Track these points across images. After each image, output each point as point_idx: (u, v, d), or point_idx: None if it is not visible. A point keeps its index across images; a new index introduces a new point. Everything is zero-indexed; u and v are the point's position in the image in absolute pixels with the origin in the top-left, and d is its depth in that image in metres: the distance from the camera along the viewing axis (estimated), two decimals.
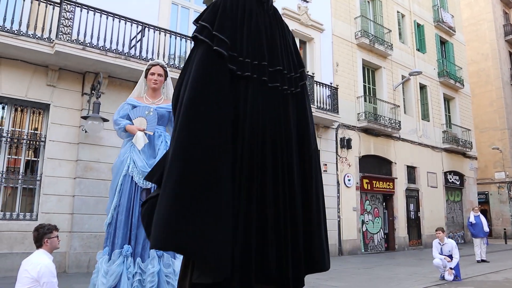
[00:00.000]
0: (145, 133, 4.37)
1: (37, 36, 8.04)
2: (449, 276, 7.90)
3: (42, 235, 3.68)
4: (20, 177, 8.27)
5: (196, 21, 2.02)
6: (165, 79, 4.77)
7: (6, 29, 7.72)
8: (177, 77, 1.95)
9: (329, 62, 15.09)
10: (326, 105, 13.51)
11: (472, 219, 12.23)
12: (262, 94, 1.96)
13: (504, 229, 23.79)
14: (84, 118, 8.43)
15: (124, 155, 4.38)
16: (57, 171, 8.47)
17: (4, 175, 8.08)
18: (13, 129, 8.42)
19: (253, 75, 1.97)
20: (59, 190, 8.42)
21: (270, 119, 1.91)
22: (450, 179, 20.46)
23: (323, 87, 13.55)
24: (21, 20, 7.93)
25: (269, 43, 2.11)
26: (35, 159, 8.59)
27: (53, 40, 8.05)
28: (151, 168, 2.52)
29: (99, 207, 8.66)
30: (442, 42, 22.10)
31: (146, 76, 4.67)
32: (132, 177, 4.29)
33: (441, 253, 8.38)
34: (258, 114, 1.88)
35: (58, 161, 8.51)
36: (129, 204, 4.21)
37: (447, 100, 21.77)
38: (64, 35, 8.14)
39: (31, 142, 8.56)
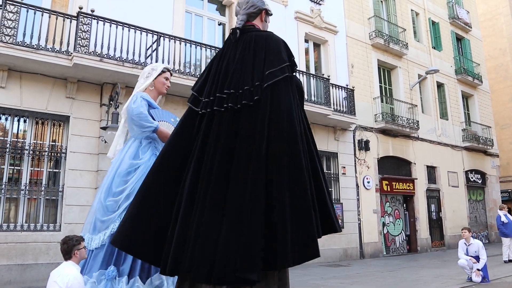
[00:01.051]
0: None
1: (55, 50, 8.18)
2: (476, 278, 7.72)
3: (71, 247, 3.70)
4: (42, 188, 8.39)
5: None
6: None
7: (26, 44, 7.87)
8: (191, 85, 2.60)
9: (344, 64, 14.99)
10: (342, 107, 13.41)
11: (504, 219, 11.94)
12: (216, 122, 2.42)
13: None
14: (103, 128, 8.54)
15: (147, 160, 3.67)
16: (78, 181, 8.57)
17: (27, 187, 8.21)
18: (35, 141, 8.57)
19: (207, 109, 2.46)
20: (81, 200, 8.51)
21: (220, 136, 2.36)
22: (472, 178, 20.08)
23: (339, 89, 13.47)
24: (39, 35, 8.08)
25: (224, 75, 2.54)
26: (57, 170, 8.71)
27: (71, 53, 8.18)
28: None
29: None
30: (458, 39, 21.78)
31: (155, 77, 4.20)
32: None
33: (467, 254, 8.20)
34: (211, 139, 2.37)
35: (79, 171, 8.61)
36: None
37: (466, 97, 21.42)
38: (81, 47, 8.27)
39: (52, 154, 8.69)
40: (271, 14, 3.07)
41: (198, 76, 2.79)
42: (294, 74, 2.60)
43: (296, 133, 2.29)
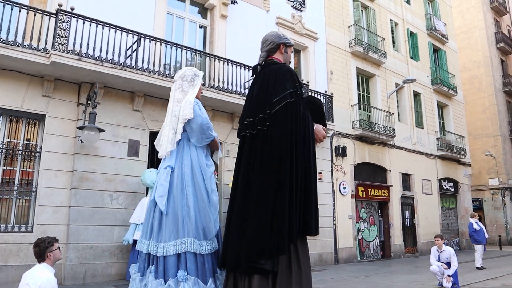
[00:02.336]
0: None
1: (33, 47, 8.03)
2: (447, 284, 7.91)
3: (44, 250, 3.64)
4: (15, 188, 8.20)
5: None
6: None
7: (1, 39, 7.70)
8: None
9: (324, 70, 15.17)
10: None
11: (476, 226, 12.26)
12: (246, 143, 3.28)
13: (499, 235, 23.90)
14: (80, 128, 8.41)
15: (210, 166, 3.97)
16: (53, 182, 8.41)
17: None
18: (8, 140, 8.37)
19: (241, 134, 3.35)
20: (55, 201, 8.36)
21: (247, 155, 3.25)
22: (445, 186, 20.55)
23: (318, 95, 13.61)
24: (17, 31, 7.91)
25: (251, 103, 3.32)
26: (31, 170, 8.53)
27: (49, 51, 8.03)
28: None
29: (95, 218, 8.62)
30: (435, 50, 22.32)
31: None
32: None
33: (439, 260, 8.39)
34: (244, 156, 3.27)
35: (53, 172, 8.45)
36: None
37: (441, 107, 21.93)
38: (60, 45, 8.13)
39: (26, 153, 8.51)
40: (291, 45, 3.61)
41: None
42: (297, 98, 3.15)
43: (284, 155, 3.02)
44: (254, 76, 3.54)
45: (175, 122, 3.88)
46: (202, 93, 4.31)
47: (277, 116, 3.07)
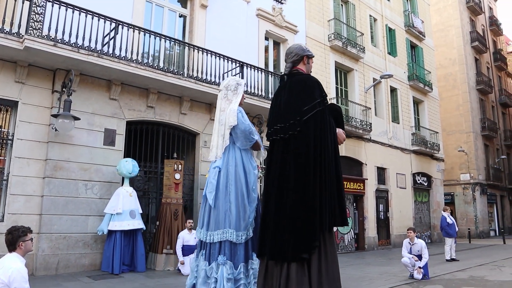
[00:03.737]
0: None
1: (5, 31, 7.77)
2: (418, 275, 8.11)
3: (16, 238, 3.54)
4: None
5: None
6: None
7: None
8: (151, 77, 6.00)
9: None
10: None
11: (449, 220, 12.58)
12: (276, 146, 3.81)
13: (468, 229, 24.64)
14: (55, 116, 8.22)
15: (255, 167, 4.69)
16: (25, 170, 8.21)
17: None
18: None
19: (273, 137, 3.86)
20: (27, 190, 8.17)
21: (279, 156, 3.76)
22: (418, 180, 21.01)
23: None
24: None
25: (281, 109, 3.85)
26: (2, 158, 8.30)
27: (23, 35, 7.80)
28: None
29: (69, 208, 8.48)
30: (412, 47, 22.67)
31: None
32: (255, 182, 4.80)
33: (410, 253, 8.59)
34: (275, 157, 3.80)
35: (26, 160, 8.25)
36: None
37: (416, 103, 22.35)
38: (34, 30, 7.90)
39: None
40: (313, 56, 4.16)
41: (158, 67, 4.33)
42: (324, 106, 3.72)
43: (316, 157, 3.57)
44: (280, 83, 4.11)
45: (222, 129, 4.57)
46: (244, 99, 5.01)
47: (308, 123, 3.61)
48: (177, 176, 9.51)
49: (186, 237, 8.62)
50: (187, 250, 8.49)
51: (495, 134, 32.13)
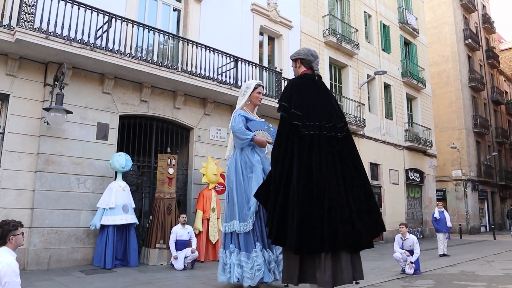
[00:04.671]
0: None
1: None
2: (409, 270, 8.17)
3: (7, 232, 3.49)
4: None
5: (279, 101, 4.28)
6: None
7: None
8: (145, 71, 3.91)
9: None
10: None
11: (436, 215, 12.68)
12: (324, 142, 3.98)
13: (460, 224, 24.84)
14: (46, 109, 8.14)
15: (258, 165, 5.22)
16: (17, 164, 8.14)
17: None
18: None
19: (315, 132, 3.98)
20: (19, 184, 8.09)
21: (329, 155, 3.97)
22: (411, 176, 21.13)
23: None
24: None
25: (323, 108, 4.15)
26: None
27: (14, 28, 7.70)
28: (258, 188, 4.64)
29: (61, 202, 8.42)
30: (406, 43, 22.73)
31: (250, 94, 5.55)
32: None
33: (402, 248, 8.65)
34: (320, 153, 3.95)
35: (17, 154, 8.17)
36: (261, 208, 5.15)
37: (410, 99, 22.44)
38: (25, 22, 7.81)
39: None
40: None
41: (152, 62, 4.64)
42: None
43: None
44: (307, 82, 4.38)
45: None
46: (260, 99, 5.59)
47: (348, 133, 4.29)
48: (171, 170, 9.48)
49: (179, 231, 8.60)
50: (180, 244, 8.47)
51: (487, 131, 32.37)
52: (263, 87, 5.76)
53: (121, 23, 9.26)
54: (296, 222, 3.77)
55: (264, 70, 12.90)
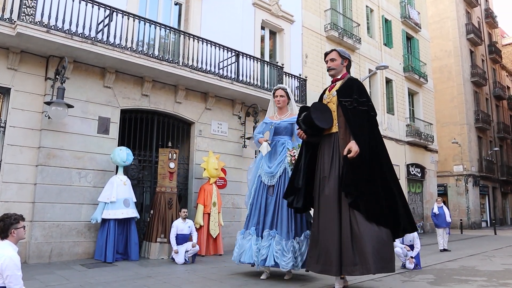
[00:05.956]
0: (268, 143, 6.23)
1: None
2: (410, 265, 8.18)
3: (8, 226, 3.51)
4: None
5: (360, 97, 5.15)
6: (288, 98, 6.46)
7: None
8: (146, 65, 5.91)
9: (299, 53, 15.17)
10: (294, 96, 13.59)
11: (435, 210, 12.70)
12: None
13: (461, 219, 24.87)
14: (48, 103, 8.14)
15: (258, 161, 6.37)
16: (18, 158, 8.15)
17: None
18: None
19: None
20: (20, 178, 8.11)
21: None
22: (412, 171, 21.13)
23: (292, 78, 13.63)
24: None
25: None
26: None
27: (15, 21, 7.69)
28: (286, 189, 5.66)
29: (63, 196, 8.44)
30: (408, 38, 22.64)
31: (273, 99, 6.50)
32: (261, 176, 6.18)
33: (402, 242, 8.65)
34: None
35: (19, 147, 8.19)
36: (260, 197, 6.10)
37: (411, 94, 22.38)
38: (26, 16, 7.79)
39: None
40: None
41: (153, 56, 5.31)
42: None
43: None
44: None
45: None
46: (278, 101, 6.43)
47: None
48: (172, 165, 9.49)
49: (180, 226, 8.63)
50: (181, 239, 8.50)
51: (488, 126, 32.33)
52: (284, 89, 6.48)
53: (122, 17, 9.23)
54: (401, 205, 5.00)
55: (265, 65, 12.87)
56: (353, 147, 4.79)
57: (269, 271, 6.12)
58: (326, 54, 5.61)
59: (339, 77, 5.50)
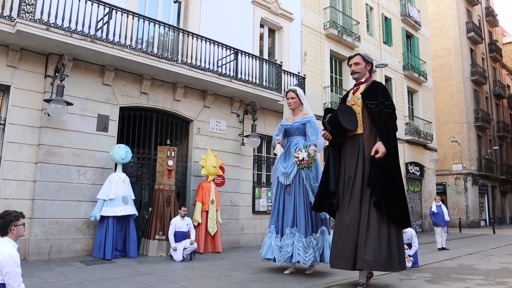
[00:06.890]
0: (281, 145, 6.70)
1: None
2: (407, 263, 8.19)
3: (8, 223, 3.52)
4: None
5: (386, 100, 5.29)
6: (300, 100, 6.69)
7: None
8: (145, 63, 5.80)
9: (298, 51, 15.18)
10: None
11: (434, 209, 12.74)
12: None
13: (459, 218, 24.91)
14: (47, 101, 8.16)
15: (277, 162, 6.75)
16: (18, 155, 8.19)
17: None
18: None
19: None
20: (19, 175, 8.15)
21: None
22: (411, 170, 21.15)
23: (290, 76, 13.65)
24: None
25: None
26: None
27: (15, 19, 7.70)
28: (316, 195, 5.88)
29: (62, 193, 8.47)
30: (408, 36, 22.63)
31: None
32: (278, 177, 6.56)
33: None
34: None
35: (18, 145, 8.21)
36: (278, 197, 6.50)
37: (411, 93, 22.39)
38: (26, 13, 7.80)
39: None
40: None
41: (152, 53, 5.34)
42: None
43: None
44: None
45: None
46: (289, 103, 6.78)
47: None
48: (170, 162, 9.52)
49: (179, 223, 8.66)
50: (179, 236, 8.53)
51: (488, 125, 32.34)
52: (294, 91, 6.78)
53: (122, 15, 9.24)
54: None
55: (264, 63, 12.87)
56: (380, 148, 4.94)
57: (294, 266, 6.49)
58: (349, 58, 5.72)
59: (362, 80, 5.59)
